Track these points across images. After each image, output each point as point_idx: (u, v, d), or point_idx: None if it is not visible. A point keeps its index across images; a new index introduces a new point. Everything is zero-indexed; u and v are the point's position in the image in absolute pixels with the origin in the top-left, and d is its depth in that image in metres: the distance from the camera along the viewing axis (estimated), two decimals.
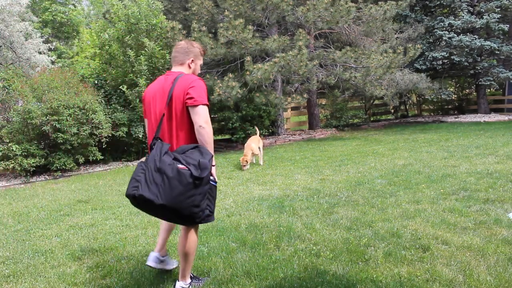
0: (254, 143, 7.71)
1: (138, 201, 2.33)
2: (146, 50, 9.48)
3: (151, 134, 2.69)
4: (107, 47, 10.29)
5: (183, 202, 2.30)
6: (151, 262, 2.89)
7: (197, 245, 2.74)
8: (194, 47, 2.75)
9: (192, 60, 2.72)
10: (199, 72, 2.77)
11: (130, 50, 9.40)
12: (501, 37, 14.32)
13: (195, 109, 2.47)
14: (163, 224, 2.97)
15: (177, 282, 2.73)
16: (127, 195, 2.34)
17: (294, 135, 12.78)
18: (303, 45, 9.68)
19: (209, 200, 2.43)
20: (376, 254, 3.15)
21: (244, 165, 7.33)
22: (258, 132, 8.57)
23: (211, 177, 2.45)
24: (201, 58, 2.77)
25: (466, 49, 13.74)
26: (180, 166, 2.32)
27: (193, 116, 2.48)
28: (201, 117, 2.46)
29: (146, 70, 9.37)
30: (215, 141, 11.75)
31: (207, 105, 2.51)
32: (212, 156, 2.45)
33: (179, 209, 2.31)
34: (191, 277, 2.78)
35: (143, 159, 2.51)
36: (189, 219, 2.40)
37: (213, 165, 2.48)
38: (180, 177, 2.29)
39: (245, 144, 7.83)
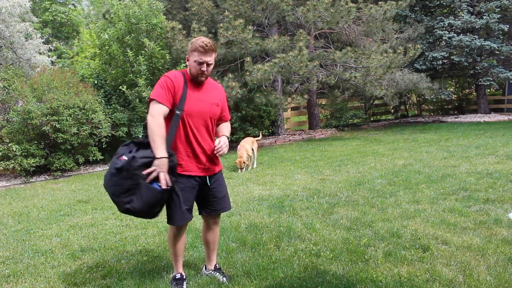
0: (248, 144, 7.52)
1: None
2: (146, 50, 9.48)
3: None
4: (107, 47, 10.28)
5: (108, 187, 2.51)
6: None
7: (174, 244, 2.82)
8: (189, 44, 2.69)
9: (187, 58, 2.72)
10: (196, 66, 2.61)
11: (129, 50, 9.39)
12: (501, 37, 14.32)
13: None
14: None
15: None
16: None
17: (294, 135, 12.78)
18: (304, 45, 9.67)
19: (135, 197, 2.45)
20: (376, 254, 3.15)
21: (242, 168, 7.21)
22: (260, 135, 8.38)
23: (158, 182, 2.47)
24: (192, 52, 2.63)
25: (466, 49, 13.74)
26: (123, 157, 2.48)
27: None
28: (150, 109, 2.57)
29: (146, 70, 9.36)
30: None
31: (154, 99, 2.56)
32: (134, 157, 2.46)
33: (107, 189, 2.53)
34: (174, 277, 2.87)
35: None
36: (114, 202, 2.55)
37: (157, 166, 2.46)
38: (110, 165, 2.52)
39: (238, 146, 7.59)
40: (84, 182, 7.41)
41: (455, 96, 17.30)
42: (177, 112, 2.59)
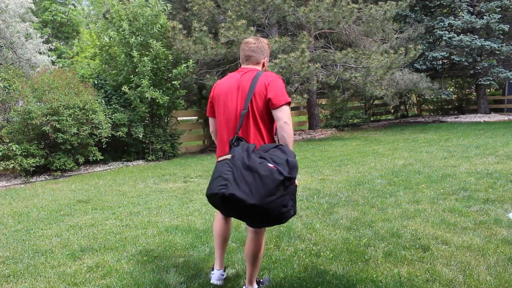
0: None
1: (226, 200, 2.17)
2: (151, 51, 9.44)
3: (224, 132, 2.65)
4: (106, 47, 10.26)
5: (274, 201, 2.19)
6: (215, 280, 2.84)
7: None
8: (267, 45, 2.69)
9: (267, 60, 2.69)
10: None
11: (134, 51, 9.31)
12: (501, 37, 14.32)
13: (280, 108, 2.44)
14: (217, 240, 2.86)
15: None
16: (212, 194, 2.20)
17: (294, 135, 12.75)
18: (306, 47, 9.68)
19: (292, 200, 2.32)
20: (376, 254, 3.15)
21: None
22: None
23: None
24: (270, 53, 2.73)
25: (466, 49, 13.74)
26: (270, 165, 2.22)
27: (277, 114, 2.45)
28: (285, 114, 2.43)
29: (149, 71, 9.34)
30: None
31: (289, 102, 2.47)
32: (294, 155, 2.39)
33: (269, 209, 2.20)
34: (256, 281, 2.71)
35: (226, 157, 2.34)
36: (277, 219, 2.31)
37: None
38: (273, 176, 2.18)
39: None
40: (84, 182, 7.41)
41: (455, 96, 17.30)
42: None
